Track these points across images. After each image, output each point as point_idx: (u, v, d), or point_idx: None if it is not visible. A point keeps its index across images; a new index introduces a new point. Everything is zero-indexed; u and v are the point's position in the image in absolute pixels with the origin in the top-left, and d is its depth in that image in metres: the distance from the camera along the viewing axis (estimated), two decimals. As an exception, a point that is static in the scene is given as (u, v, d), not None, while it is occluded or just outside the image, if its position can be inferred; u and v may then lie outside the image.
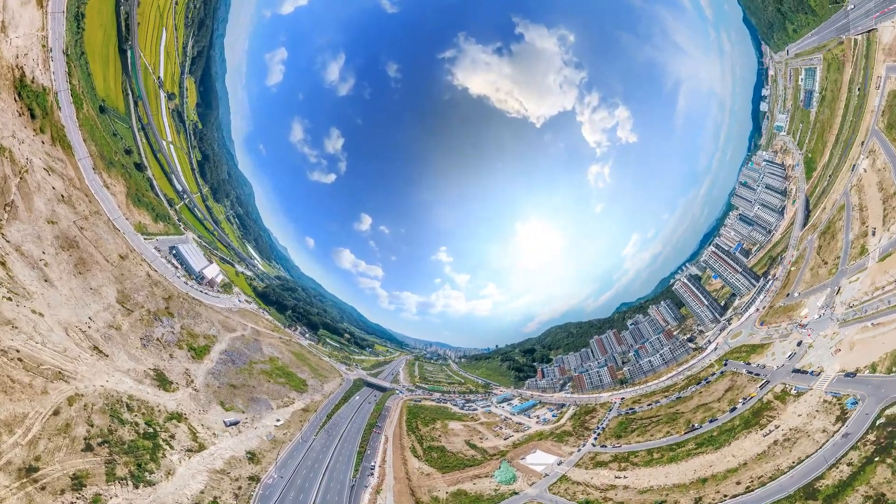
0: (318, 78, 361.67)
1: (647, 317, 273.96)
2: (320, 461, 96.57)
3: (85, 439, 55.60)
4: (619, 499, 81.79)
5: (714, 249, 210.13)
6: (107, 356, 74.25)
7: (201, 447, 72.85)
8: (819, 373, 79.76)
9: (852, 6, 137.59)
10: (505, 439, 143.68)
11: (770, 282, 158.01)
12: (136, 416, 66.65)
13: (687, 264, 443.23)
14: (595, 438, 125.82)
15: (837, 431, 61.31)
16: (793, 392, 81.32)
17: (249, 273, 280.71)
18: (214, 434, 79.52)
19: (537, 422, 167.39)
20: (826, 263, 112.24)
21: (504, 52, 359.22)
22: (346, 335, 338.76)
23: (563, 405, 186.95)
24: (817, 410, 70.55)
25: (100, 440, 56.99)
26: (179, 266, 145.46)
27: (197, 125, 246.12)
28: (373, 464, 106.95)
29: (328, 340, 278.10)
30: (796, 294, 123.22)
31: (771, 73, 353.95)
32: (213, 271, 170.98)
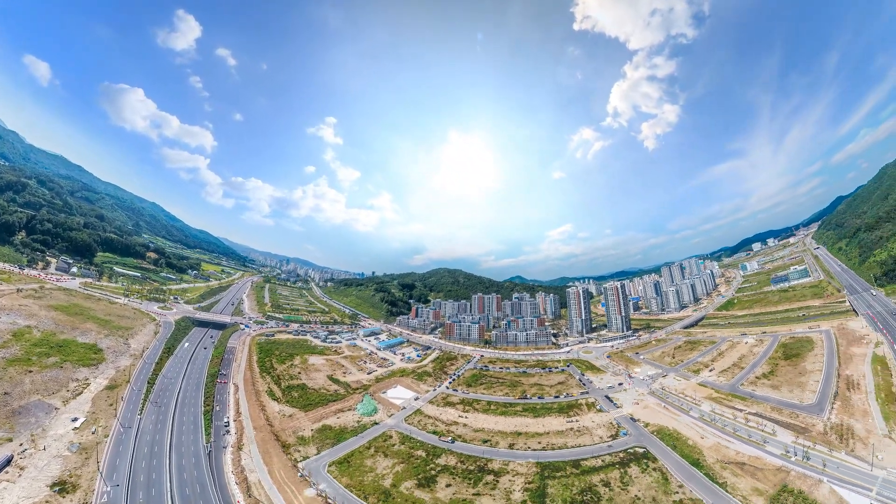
0: None
1: (532, 299, 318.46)
2: (160, 442, 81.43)
3: None
4: (458, 432, 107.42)
5: (618, 286, 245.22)
6: None
7: (-29, 529, 50.07)
8: (619, 407, 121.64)
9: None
10: (369, 374, 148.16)
11: (634, 338, 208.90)
12: None
13: (591, 280, 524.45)
14: (450, 383, 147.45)
15: (606, 442, 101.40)
16: (597, 407, 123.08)
17: None
18: (-19, 497, 56.15)
19: (402, 359, 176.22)
20: (673, 357, 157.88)
21: None
22: (151, 254, 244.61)
23: (428, 348, 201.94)
24: (603, 425, 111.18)
25: None
26: None
27: None
28: (226, 419, 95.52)
29: (117, 269, 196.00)
30: (641, 357, 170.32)
31: (793, 239, 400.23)
32: None
